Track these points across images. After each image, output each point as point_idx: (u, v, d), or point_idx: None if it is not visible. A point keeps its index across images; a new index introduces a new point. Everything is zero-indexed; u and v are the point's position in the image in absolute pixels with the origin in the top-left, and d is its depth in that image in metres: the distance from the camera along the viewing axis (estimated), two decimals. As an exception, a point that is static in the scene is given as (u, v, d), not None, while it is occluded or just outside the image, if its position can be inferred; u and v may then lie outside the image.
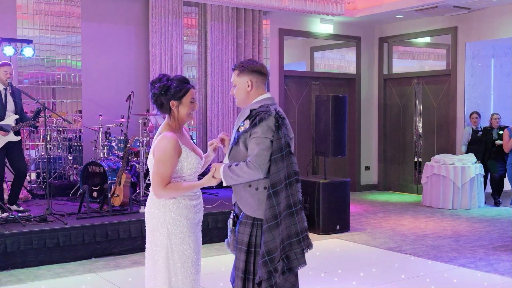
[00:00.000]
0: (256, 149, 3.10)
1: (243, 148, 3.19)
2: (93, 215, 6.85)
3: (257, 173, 3.09)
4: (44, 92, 8.68)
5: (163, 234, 3.28)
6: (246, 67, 3.28)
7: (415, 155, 11.45)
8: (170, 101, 3.30)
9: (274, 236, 3.09)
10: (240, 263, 3.21)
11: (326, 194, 7.78)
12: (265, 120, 3.12)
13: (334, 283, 5.51)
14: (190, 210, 3.31)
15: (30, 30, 8.49)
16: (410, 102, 11.49)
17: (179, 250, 3.27)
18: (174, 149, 3.22)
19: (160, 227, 3.29)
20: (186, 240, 3.29)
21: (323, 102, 8.08)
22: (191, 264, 3.30)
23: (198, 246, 3.36)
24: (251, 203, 3.20)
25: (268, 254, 3.07)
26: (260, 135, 3.11)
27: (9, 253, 5.94)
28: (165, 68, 9.26)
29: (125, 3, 9.19)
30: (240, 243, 3.22)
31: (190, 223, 3.31)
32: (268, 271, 3.07)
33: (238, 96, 3.33)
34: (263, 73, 3.31)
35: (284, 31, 10.74)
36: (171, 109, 3.32)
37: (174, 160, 3.22)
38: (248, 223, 3.21)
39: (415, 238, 7.42)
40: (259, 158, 3.09)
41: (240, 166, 3.12)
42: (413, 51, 12.07)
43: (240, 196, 3.25)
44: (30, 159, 8.53)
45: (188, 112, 3.34)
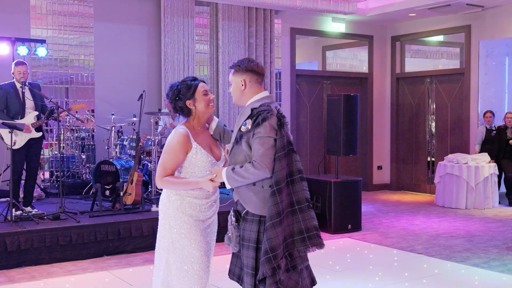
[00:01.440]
0: (261, 149, 3.11)
1: (245, 147, 3.20)
2: (106, 214, 6.90)
3: (264, 173, 3.11)
4: (58, 92, 8.74)
5: (166, 228, 3.40)
6: (241, 66, 3.33)
7: (428, 155, 11.39)
8: (186, 102, 3.38)
9: (277, 233, 3.11)
10: (249, 260, 3.21)
11: (338, 193, 7.77)
12: (268, 119, 3.15)
13: (345, 282, 5.49)
14: (194, 208, 3.36)
15: (43, 30, 8.56)
16: (423, 101, 11.43)
17: (179, 246, 3.34)
18: (181, 144, 3.29)
19: (165, 221, 3.40)
20: (187, 236, 3.34)
21: (335, 101, 8.06)
22: (192, 260, 3.34)
23: (203, 244, 3.38)
24: (255, 201, 3.21)
25: (272, 251, 3.09)
26: (263, 134, 3.13)
27: (23, 251, 5.99)
28: (176, 68, 9.29)
29: (137, 3, 9.23)
30: (247, 240, 3.23)
31: (193, 220, 3.36)
32: (272, 268, 3.08)
33: (234, 94, 3.39)
34: (258, 72, 3.34)
35: (295, 30, 10.73)
36: (190, 109, 3.39)
37: (177, 154, 3.31)
38: (255, 220, 3.22)
39: (427, 238, 7.39)
40: (265, 158, 3.11)
41: (246, 168, 3.13)
42: (426, 49, 12.01)
43: (244, 195, 3.25)
44: (44, 158, 8.59)
45: (205, 105, 3.41)
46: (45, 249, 6.13)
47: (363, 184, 11.14)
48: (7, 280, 5.55)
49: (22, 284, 5.45)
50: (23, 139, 6.69)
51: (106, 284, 5.46)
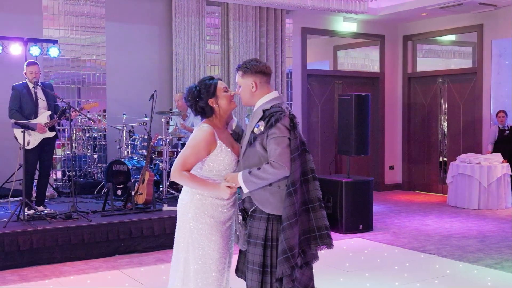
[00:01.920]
0: (278, 148, 3.14)
1: (260, 149, 3.22)
2: (117, 213, 6.92)
3: (284, 171, 3.14)
4: (70, 92, 8.79)
5: (186, 228, 3.36)
6: (250, 68, 3.33)
7: (440, 155, 11.33)
8: (208, 101, 3.37)
9: (294, 232, 3.15)
10: (256, 257, 3.25)
11: (349, 193, 7.74)
12: (281, 120, 3.18)
13: (356, 283, 5.48)
14: (216, 209, 3.35)
15: (55, 31, 8.61)
16: (435, 101, 11.37)
17: (198, 246, 3.32)
18: (206, 141, 3.28)
19: (185, 221, 3.37)
20: (207, 237, 3.32)
21: (346, 100, 8.04)
22: (211, 261, 3.33)
23: (223, 245, 3.37)
24: (272, 201, 3.23)
25: (290, 250, 3.13)
26: (279, 134, 3.16)
27: (35, 249, 6.03)
28: (188, 68, 9.31)
29: (148, 3, 9.26)
30: (255, 238, 3.26)
31: (214, 221, 3.34)
32: (291, 267, 3.13)
33: (243, 96, 3.39)
34: (267, 73, 3.37)
35: (306, 30, 10.71)
36: (213, 108, 3.38)
37: (201, 151, 3.29)
38: (263, 217, 3.25)
39: (439, 238, 7.35)
40: (283, 157, 3.13)
41: (264, 169, 3.16)
42: (438, 49, 11.95)
43: (259, 196, 3.26)
44: (56, 157, 8.64)
45: (228, 101, 3.40)
46: (58, 248, 6.17)
47: (375, 184, 11.11)
48: (20, 279, 5.59)
49: (34, 282, 5.48)
50: (37, 139, 6.73)
51: (118, 283, 5.48)
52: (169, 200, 7.75)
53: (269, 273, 3.22)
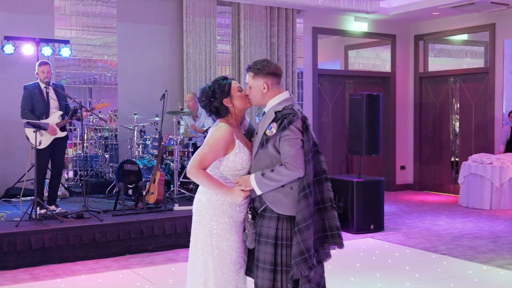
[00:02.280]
0: (292, 150, 3.16)
1: (272, 151, 3.24)
2: (128, 212, 6.94)
3: (298, 173, 3.17)
4: (81, 92, 8.83)
5: (205, 229, 3.34)
6: (261, 69, 3.33)
7: (451, 155, 11.27)
8: (223, 101, 3.36)
9: (311, 233, 3.19)
10: (267, 256, 3.26)
11: (360, 193, 7.72)
12: (294, 122, 3.20)
13: (367, 283, 5.46)
14: (234, 209, 3.34)
15: (67, 31, 8.65)
16: (446, 101, 11.32)
17: (218, 246, 3.32)
18: (225, 140, 3.27)
19: (204, 222, 3.35)
20: (226, 237, 3.33)
21: (357, 100, 8.02)
22: (229, 261, 3.33)
23: (239, 245, 3.38)
24: (285, 202, 3.25)
25: (308, 251, 3.17)
26: (292, 136, 3.18)
27: (47, 249, 6.07)
28: (198, 68, 9.32)
29: (159, 3, 9.28)
30: (265, 237, 3.27)
31: (233, 221, 3.35)
32: (308, 267, 3.17)
33: (254, 97, 3.39)
34: (278, 74, 3.37)
35: (317, 29, 10.70)
36: (228, 107, 3.37)
37: (220, 150, 3.28)
38: (273, 217, 3.27)
39: (451, 239, 7.31)
40: (297, 158, 3.16)
41: (278, 171, 3.17)
42: (449, 48, 11.89)
43: (271, 197, 3.27)
44: (68, 157, 8.68)
45: (243, 101, 3.40)
46: (69, 247, 6.20)
47: (386, 184, 11.06)
48: (31, 278, 5.62)
49: (46, 281, 5.51)
50: (49, 139, 6.76)
51: (129, 282, 5.50)
52: (180, 200, 7.77)
53: (280, 272, 3.24)
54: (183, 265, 6.00)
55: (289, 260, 3.23)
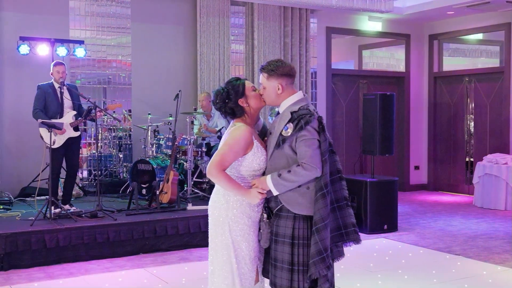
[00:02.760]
0: (309, 150, 3.18)
1: (289, 151, 3.25)
2: (142, 212, 6.98)
3: (315, 173, 3.19)
4: (96, 92, 8.89)
5: (225, 230, 3.34)
6: (275, 70, 3.33)
7: (466, 155, 11.20)
8: (238, 101, 3.36)
9: (328, 233, 3.21)
10: (285, 255, 3.27)
11: (374, 193, 7.70)
12: (311, 123, 3.21)
13: (381, 283, 5.44)
14: (253, 209, 3.35)
15: (82, 31, 8.72)
16: (461, 101, 11.24)
17: (238, 247, 3.33)
18: (245, 140, 3.27)
19: (222, 222, 3.34)
20: (245, 237, 3.34)
21: (370, 100, 8.00)
22: (248, 261, 3.35)
23: (256, 244, 3.39)
24: (302, 202, 3.26)
25: (326, 251, 3.19)
26: (309, 137, 3.19)
27: (61, 248, 6.11)
28: (212, 68, 9.35)
29: (173, 4, 9.32)
30: (282, 236, 3.28)
31: (251, 221, 3.35)
32: (327, 267, 3.20)
33: (268, 97, 3.39)
34: (292, 75, 3.38)
35: (331, 29, 10.68)
36: (243, 107, 3.37)
37: (240, 151, 3.27)
38: (289, 216, 3.28)
39: (465, 239, 7.27)
40: (314, 158, 3.18)
41: (295, 171, 3.18)
42: (464, 48, 11.81)
43: (287, 197, 3.28)
44: (82, 157, 8.74)
45: (258, 100, 3.40)
46: (83, 246, 6.24)
47: (400, 184, 11.02)
48: (46, 276, 5.67)
49: (60, 280, 5.56)
50: (62, 139, 6.81)
51: (142, 281, 5.53)
52: (194, 199, 7.79)
53: (297, 271, 3.26)
54: (196, 265, 6.04)
55: (306, 260, 3.25)
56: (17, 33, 8.13)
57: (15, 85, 8.29)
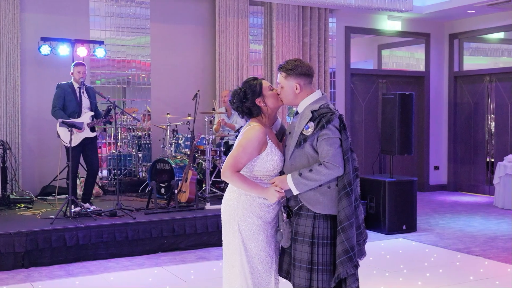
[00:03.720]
0: (331, 149, 3.17)
1: (310, 150, 3.23)
2: (161, 211, 7.02)
3: (338, 171, 3.18)
4: (115, 92, 8.97)
5: (235, 229, 3.35)
6: (294, 69, 3.33)
7: (487, 155, 11.09)
8: (255, 101, 3.36)
9: (354, 231, 3.21)
10: (304, 254, 3.26)
11: (392, 193, 7.66)
12: (332, 121, 3.20)
13: (399, 283, 5.42)
14: (263, 209, 3.34)
15: (102, 32, 8.80)
16: (481, 100, 11.14)
17: (247, 247, 3.33)
18: (259, 141, 3.27)
19: (232, 222, 3.36)
20: (254, 237, 3.33)
21: (389, 99, 7.96)
22: (258, 261, 3.34)
23: (268, 245, 3.37)
24: (323, 201, 3.25)
25: (352, 250, 3.19)
26: (331, 136, 3.18)
27: (81, 246, 6.18)
28: (231, 68, 9.37)
29: (192, 4, 9.36)
30: (302, 235, 3.27)
31: (262, 221, 3.35)
32: (354, 266, 3.20)
33: (286, 97, 3.38)
34: (310, 75, 3.37)
35: (350, 29, 10.65)
36: (260, 107, 3.38)
37: (253, 151, 3.27)
38: (309, 215, 3.27)
39: (485, 240, 7.20)
40: (336, 157, 3.17)
41: (317, 170, 3.17)
42: (485, 47, 11.70)
43: (308, 196, 3.26)
44: (102, 156, 8.82)
45: (275, 99, 3.39)
46: (102, 244, 6.30)
47: (420, 184, 10.96)
48: (66, 274, 5.73)
49: (80, 278, 5.62)
50: (78, 138, 6.88)
51: (161, 280, 5.56)
52: (212, 199, 7.82)
53: (316, 271, 3.24)
54: (214, 263, 6.06)
55: (325, 259, 3.23)
56: (38, 34, 8.23)
57: (36, 85, 8.40)
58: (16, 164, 8.02)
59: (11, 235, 5.86)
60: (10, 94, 8.09)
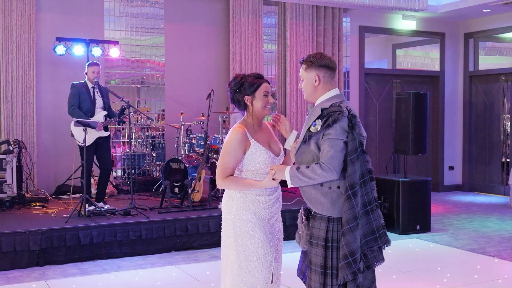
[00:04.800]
0: (330, 151, 3.09)
1: (314, 148, 3.17)
2: (174, 210, 7.05)
3: (331, 175, 3.09)
4: (130, 92, 9.01)
5: (230, 227, 3.39)
6: (314, 61, 3.27)
7: (502, 155, 11.00)
8: (245, 97, 3.40)
9: (355, 236, 3.09)
10: (318, 258, 3.20)
11: (406, 193, 7.62)
12: (339, 121, 3.11)
13: (413, 283, 5.40)
14: (257, 206, 3.36)
15: (116, 32, 8.84)
16: (497, 100, 11.05)
17: (242, 243, 3.35)
18: (239, 142, 3.31)
19: (228, 219, 3.40)
20: (250, 234, 3.34)
21: (403, 99, 7.93)
22: (255, 258, 3.34)
23: (266, 242, 3.37)
24: (323, 202, 3.18)
25: (352, 255, 3.08)
26: (334, 136, 3.10)
27: (95, 244, 6.22)
28: (245, 67, 9.38)
29: (206, 4, 9.38)
30: (316, 238, 3.21)
31: (257, 218, 3.36)
32: (352, 272, 3.08)
33: (306, 90, 3.34)
34: (331, 67, 3.29)
35: (364, 28, 10.61)
36: (247, 105, 3.41)
37: (237, 153, 3.32)
38: (324, 218, 3.20)
39: (500, 240, 7.14)
40: (333, 160, 3.08)
41: (313, 168, 3.11)
42: (501, 46, 11.60)
43: (309, 195, 3.24)
44: (116, 156, 8.87)
45: (262, 106, 3.40)
46: (116, 243, 6.34)
47: (434, 185, 10.90)
48: (80, 272, 5.78)
49: (94, 276, 5.66)
50: (92, 137, 6.93)
51: (174, 278, 5.59)
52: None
53: (330, 275, 3.17)
54: (227, 263, 6.06)
55: (338, 263, 3.15)
56: (53, 34, 8.29)
57: (52, 85, 8.46)
58: (32, 163, 8.09)
59: (26, 234, 5.92)
60: (25, 94, 8.16)
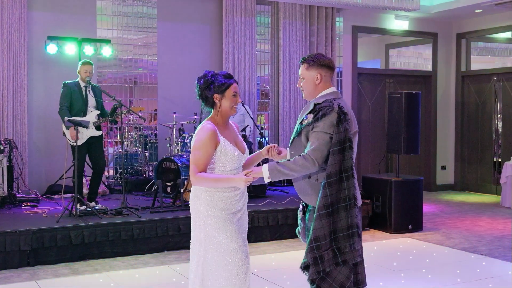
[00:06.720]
0: (315, 143, 3.21)
1: (304, 140, 3.30)
2: (166, 210, 7.03)
3: (312, 166, 3.20)
4: (122, 91, 8.98)
5: (200, 226, 3.41)
6: (316, 61, 3.41)
7: (494, 155, 11.04)
8: (214, 95, 3.45)
9: (323, 224, 3.19)
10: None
11: (399, 192, 7.64)
12: (328, 115, 3.23)
13: (404, 282, 5.41)
14: (225, 202, 3.39)
15: (109, 31, 8.82)
16: (489, 100, 11.09)
17: (216, 241, 3.37)
18: (210, 139, 3.33)
19: (198, 219, 3.42)
20: (222, 230, 3.37)
21: (396, 98, 7.95)
22: (232, 252, 3.37)
23: (238, 235, 3.41)
24: (311, 193, 3.31)
25: (316, 241, 3.19)
26: (321, 129, 3.22)
27: (87, 244, 6.20)
28: (238, 67, 9.37)
29: (199, 3, 9.37)
30: (308, 230, 3.31)
31: (225, 213, 3.39)
32: (313, 257, 3.19)
33: (306, 88, 3.44)
34: (331, 67, 3.44)
35: (357, 28, 10.63)
36: (215, 103, 3.45)
37: (208, 149, 3.34)
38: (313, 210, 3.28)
39: (491, 239, 7.17)
40: (316, 152, 3.20)
41: (295, 160, 3.23)
42: (493, 47, 11.64)
43: (300, 187, 3.37)
44: (108, 155, 8.84)
45: (230, 105, 3.46)
46: (108, 243, 6.32)
47: (426, 184, 10.92)
48: (71, 272, 5.75)
49: (85, 276, 5.64)
50: (84, 137, 6.90)
51: (166, 278, 5.58)
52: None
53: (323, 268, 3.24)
54: (219, 262, 6.05)
55: None
56: (45, 33, 8.26)
57: (43, 84, 8.43)
58: (23, 162, 8.05)
59: (17, 234, 5.88)
60: (17, 93, 8.12)
